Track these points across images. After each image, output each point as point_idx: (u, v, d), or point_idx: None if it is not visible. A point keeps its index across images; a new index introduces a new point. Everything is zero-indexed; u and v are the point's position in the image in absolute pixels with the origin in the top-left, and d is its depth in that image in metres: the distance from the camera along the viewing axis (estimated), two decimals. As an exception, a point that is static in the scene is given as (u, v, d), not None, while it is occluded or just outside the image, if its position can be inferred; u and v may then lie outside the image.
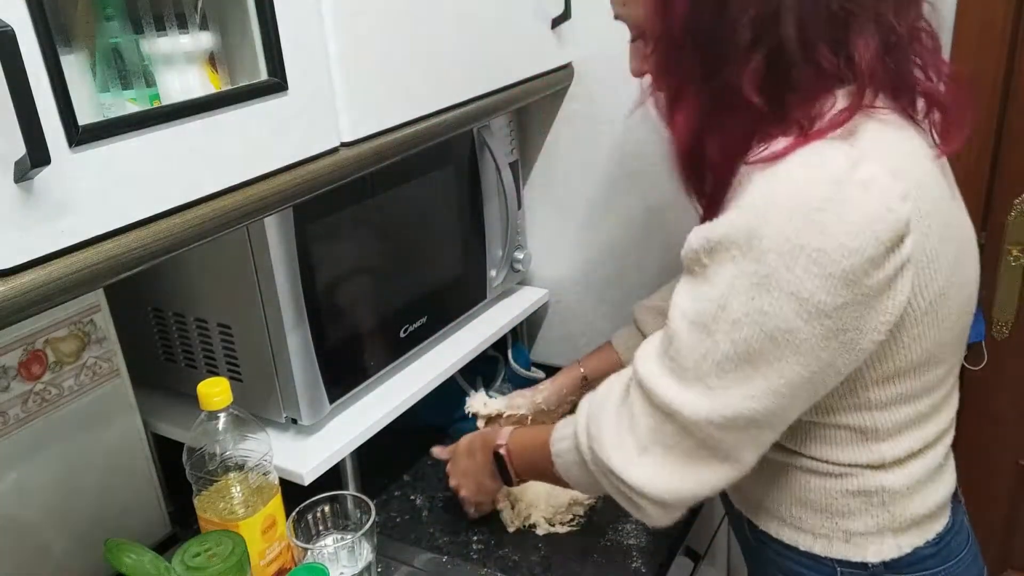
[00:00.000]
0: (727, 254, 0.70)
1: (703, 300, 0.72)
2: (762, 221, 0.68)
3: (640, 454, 0.78)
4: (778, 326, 0.69)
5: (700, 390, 0.74)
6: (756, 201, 0.69)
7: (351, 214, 1.05)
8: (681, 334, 0.74)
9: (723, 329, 0.71)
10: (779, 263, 0.67)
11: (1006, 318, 1.33)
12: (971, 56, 1.17)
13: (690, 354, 0.73)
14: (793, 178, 0.68)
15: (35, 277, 0.61)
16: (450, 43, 1.00)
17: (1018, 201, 1.26)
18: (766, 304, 0.69)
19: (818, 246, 0.66)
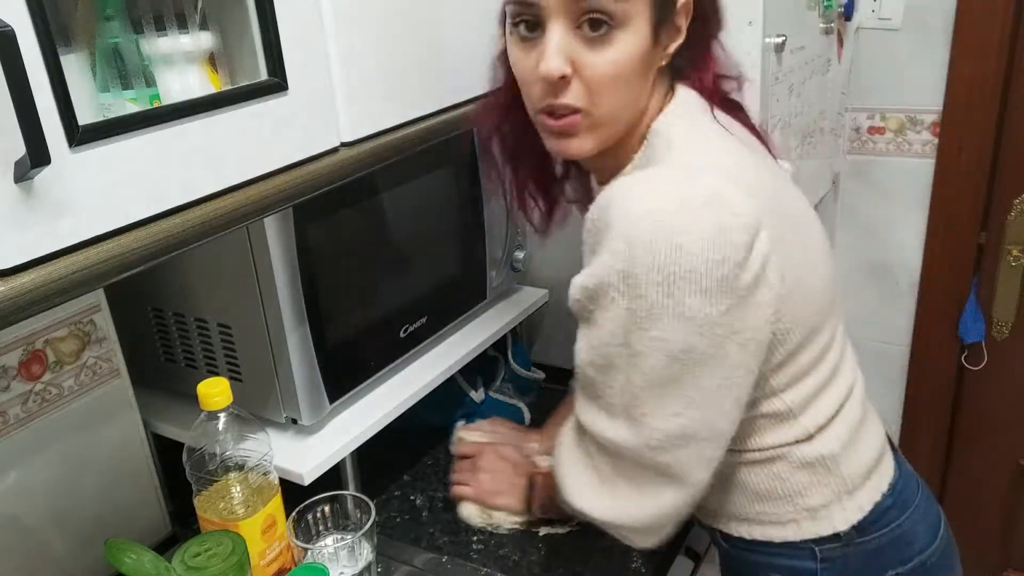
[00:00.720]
0: (607, 297, 0.75)
1: (601, 344, 0.77)
2: (631, 261, 0.72)
3: (600, 487, 0.84)
4: (678, 347, 0.74)
5: (626, 421, 0.79)
6: (618, 244, 0.73)
7: (351, 214, 1.05)
8: (595, 379, 0.79)
9: (629, 363, 0.76)
10: (658, 293, 0.72)
11: (1006, 318, 1.33)
12: (971, 56, 1.17)
13: (606, 390, 0.79)
14: (643, 214, 0.73)
15: (35, 277, 0.61)
16: (450, 43, 1.00)
17: (1018, 201, 1.26)
18: (659, 332, 0.73)
19: (688, 267, 0.71)
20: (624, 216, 0.73)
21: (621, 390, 0.78)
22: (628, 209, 0.73)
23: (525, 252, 1.38)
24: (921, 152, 1.24)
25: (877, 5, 1.19)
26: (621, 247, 0.73)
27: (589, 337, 0.79)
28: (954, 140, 1.22)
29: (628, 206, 0.73)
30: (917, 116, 1.22)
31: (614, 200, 0.75)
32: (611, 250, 0.73)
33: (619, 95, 0.79)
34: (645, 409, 0.77)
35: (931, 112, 1.22)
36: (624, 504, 0.83)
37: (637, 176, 0.77)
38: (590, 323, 0.78)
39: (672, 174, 0.76)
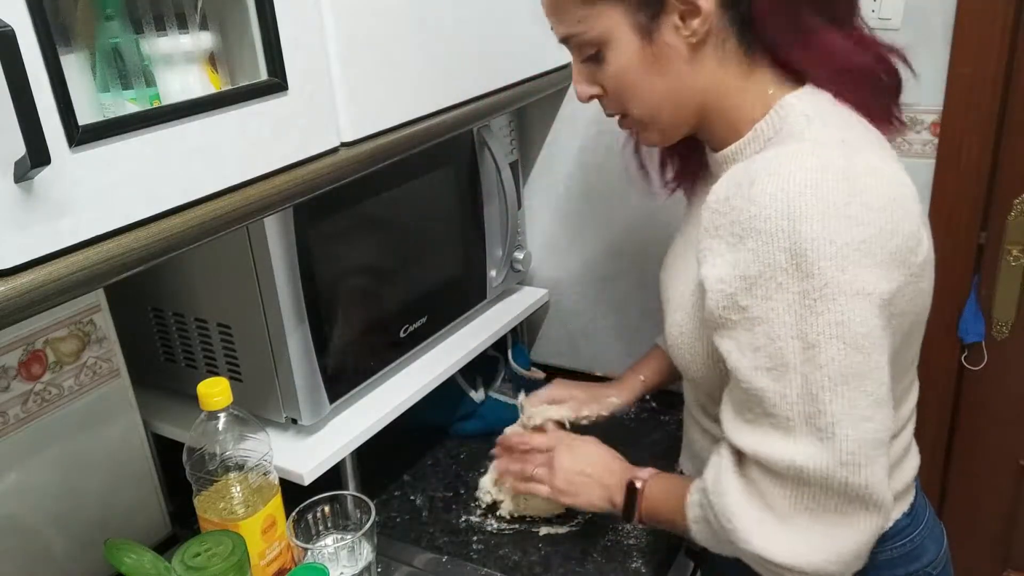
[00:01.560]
0: (772, 283, 0.68)
1: (768, 341, 0.69)
2: (796, 236, 0.66)
3: (783, 530, 0.73)
4: (857, 331, 0.67)
5: (811, 436, 0.69)
6: (776, 222, 0.67)
7: (351, 214, 1.05)
8: (766, 388, 0.70)
9: (805, 358, 0.68)
10: (832, 268, 0.66)
11: (1006, 318, 1.33)
12: (971, 56, 1.17)
13: (784, 401, 0.70)
14: (804, 185, 0.67)
15: (35, 277, 0.61)
16: (450, 43, 1.00)
17: (1018, 201, 1.26)
18: (837, 313, 0.67)
19: (861, 238, 0.66)
20: (779, 191, 0.67)
21: (799, 397, 0.68)
22: (783, 184, 0.67)
23: (525, 252, 1.38)
24: (921, 152, 1.24)
25: (877, 5, 1.18)
26: (782, 224, 0.66)
27: (752, 338, 0.70)
28: (954, 140, 1.21)
29: (782, 181, 0.67)
30: (917, 116, 1.22)
31: (759, 177, 0.69)
32: (767, 230, 0.67)
33: (643, 96, 0.80)
34: (832, 416, 0.68)
35: (931, 112, 1.22)
36: (816, 543, 0.71)
37: (783, 150, 0.71)
38: (750, 321, 0.70)
39: (824, 147, 0.70)
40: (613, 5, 0.76)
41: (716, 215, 0.72)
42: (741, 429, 0.75)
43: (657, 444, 1.29)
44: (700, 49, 0.76)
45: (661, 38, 0.76)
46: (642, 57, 0.77)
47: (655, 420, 1.36)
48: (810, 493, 0.71)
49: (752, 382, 0.71)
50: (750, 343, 0.71)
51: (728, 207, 0.71)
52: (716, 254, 0.72)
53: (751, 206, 0.68)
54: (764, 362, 0.70)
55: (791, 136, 0.74)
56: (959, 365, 1.37)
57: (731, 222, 0.70)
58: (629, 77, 0.79)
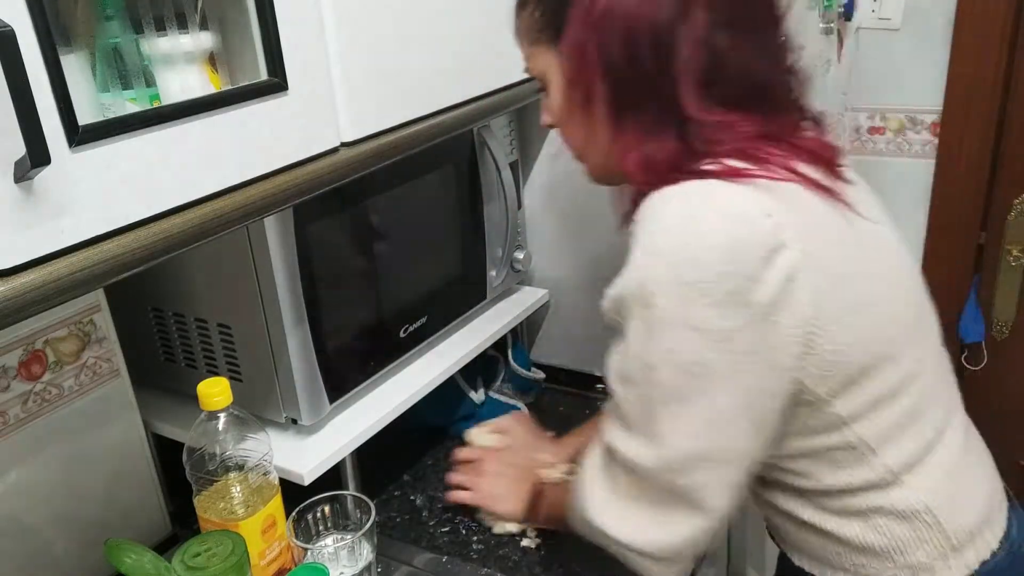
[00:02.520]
0: (630, 308, 0.75)
1: (624, 354, 0.77)
2: (647, 270, 0.73)
3: (623, 508, 0.82)
4: (689, 359, 0.73)
5: (644, 438, 0.77)
6: (638, 254, 0.74)
7: (351, 214, 1.05)
8: (617, 390, 0.79)
9: (643, 376, 0.76)
10: (668, 302, 0.72)
11: (1006, 318, 1.33)
12: (971, 56, 1.17)
13: (627, 405, 0.78)
14: (662, 220, 0.73)
15: (35, 277, 0.61)
16: (450, 43, 1.00)
17: (1018, 201, 1.26)
18: (670, 342, 0.73)
19: (697, 278, 0.71)
20: (649, 228, 0.74)
21: (639, 406, 0.77)
22: (653, 221, 0.74)
23: (525, 252, 1.38)
24: (921, 152, 1.24)
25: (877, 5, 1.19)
26: (642, 258, 0.74)
27: (618, 349, 0.79)
28: (954, 140, 1.22)
29: (654, 218, 0.74)
30: (917, 116, 1.22)
31: (645, 212, 0.75)
32: (634, 261, 0.74)
33: (569, 135, 0.88)
34: (661, 427, 0.76)
35: (931, 112, 1.22)
36: (644, 527, 0.81)
37: (659, 192, 0.76)
38: (621, 335, 0.78)
39: (691, 185, 0.74)
40: (547, 48, 0.83)
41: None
42: (608, 422, 0.83)
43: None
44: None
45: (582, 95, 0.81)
46: (567, 98, 0.83)
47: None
48: (644, 484, 0.79)
49: (611, 382, 0.80)
50: (616, 350, 0.79)
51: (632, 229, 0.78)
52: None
53: (638, 232, 0.76)
54: (618, 370, 0.79)
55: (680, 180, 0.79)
56: (959, 365, 1.38)
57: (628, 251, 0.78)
58: (559, 116, 0.86)
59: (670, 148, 0.77)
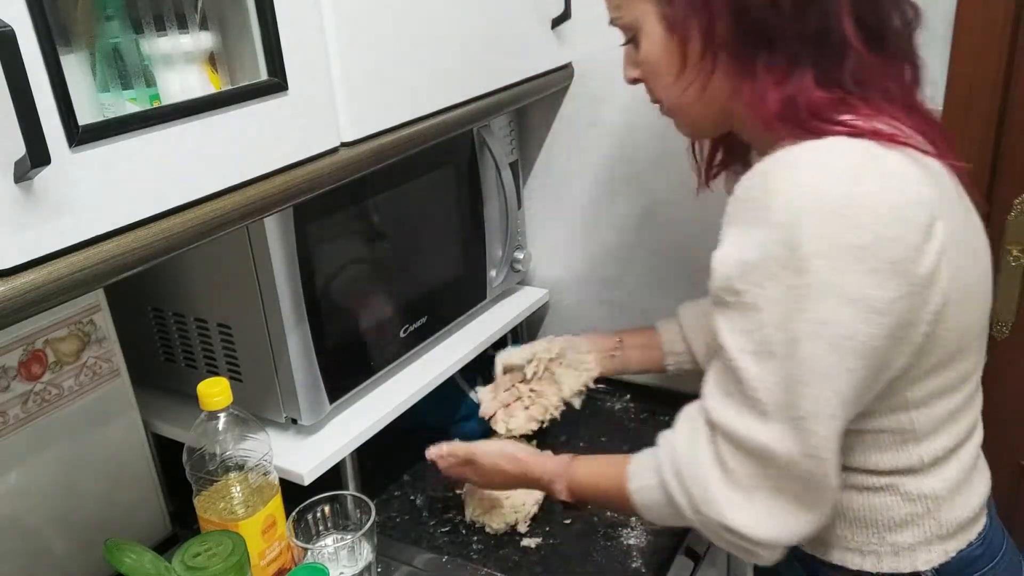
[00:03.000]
0: (767, 273, 0.69)
1: (757, 327, 0.70)
2: (796, 230, 0.66)
3: (747, 503, 0.75)
4: (839, 333, 0.68)
5: (785, 424, 0.71)
6: (782, 215, 0.67)
7: (351, 214, 1.05)
8: (748, 369, 0.72)
9: (786, 351, 0.69)
10: (824, 269, 0.66)
11: (1006, 318, 1.33)
12: (971, 56, 1.17)
13: (763, 386, 0.71)
14: (812, 182, 0.67)
15: (35, 277, 0.61)
16: (450, 43, 1.00)
17: (1018, 201, 1.26)
18: (823, 313, 0.67)
19: (858, 243, 0.66)
20: (789, 185, 0.68)
21: (777, 385, 0.70)
22: (795, 177, 0.68)
23: (525, 252, 1.38)
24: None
25: (877, 5, 1.19)
26: (786, 217, 0.67)
27: (742, 323, 0.71)
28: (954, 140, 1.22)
29: (794, 174, 0.68)
30: (917, 116, 1.22)
31: (775, 169, 0.69)
32: (771, 221, 0.68)
33: (665, 87, 0.81)
34: (805, 409, 0.70)
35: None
36: (773, 518, 0.74)
37: (804, 145, 0.70)
38: (741, 306, 0.71)
39: (842, 144, 0.70)
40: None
41: (735, 202, 0.73)
42: (721, 402, 0.76)
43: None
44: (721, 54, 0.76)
45: (686, 36, 0.77)
46: (667, 48, 0.79)
47: (655, 420, 1.36)
48: (775, 473, 0.73)
49: (737, 361, 0.72)
50: (741, 325, 0.72)
51: (744, 195, 0.72)
52: (727, 238, 0.73)
53: (763, 195, 0.69)
54: (750, 346, 0.71)
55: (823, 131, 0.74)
56: (959, 365, 1.37)
57: (744, 209, 0.72)
58: (655, 66, 0.81)
59: (813, 93, 0.72)
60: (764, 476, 0.74)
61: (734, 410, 0.74)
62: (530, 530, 1.12)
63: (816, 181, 0.67)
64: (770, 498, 0.74)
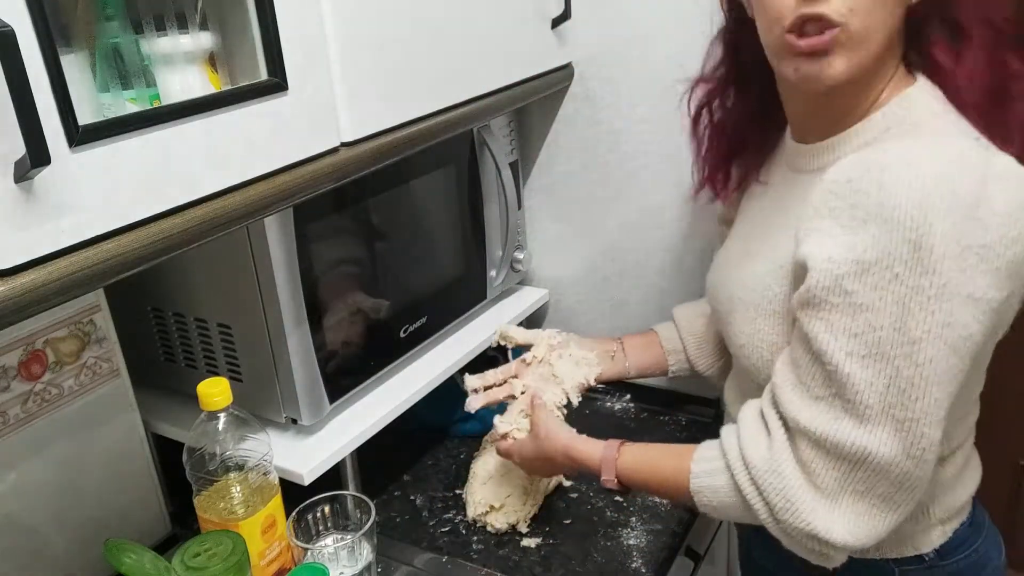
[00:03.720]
0: (888, 273, 0.67)
1: (868, 329, 0.69)
2: (925, 230, 0.65)
3: (835, 508, 0.74)
4: (960, 335, 0.67)
5: (890, 427, 0.70)
6: (906, 211, 0.66)
7: (351, 214, 1.05)
8: (853, 374, 0.70)
9: (903, 352, 0.68)
10: (953, 268, 0.65)
11: (1006, 318, 1.33)
12: (971, 56, 1.17)
13: (871, 389, 0.69)
14: (940, 179, 0.66)
15: (35, 277, 0.61)
16: (450, 43, 1.00)
17: (1018, 201, 1.26)
18: (947, 314, 0.66)
19: (983, 242, 0.66)
20: (914, 181, 0.66)
21: (887, 388, 0.68)
22: (919, 174, 0.66)
23: (525, 252, 1.38)
24: (921, 152, 1.24)
25: (877, 5, 1.18)
26: (912, 213, 0.65)
27: (850, 323, 0.69)
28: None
29: (918, 171, 0.66)
30: (917, 116, 1.22)
31: (892, 164, 0.68)
32: (895, 218, 0.66)
33: (875, 11, 0.72)
34: (914, 412, 0.68)
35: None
36: (861, 522, 0.73)
37: (920, 141, 0.70)
38: (853, 306, 0.69)
39: (960, 142, 0.69)
40: None
41: (833, 197, 0.71)
42: (808, 406, 0.74)
43: (657, 444, 1.29)
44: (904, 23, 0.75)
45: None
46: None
47: (655, 420, 1.36)
48: (864, 476, 0.72)
49: (840, 366, 0.70)
50: (847, 327, 0.70)
51: (850, 189, 0.69)
52: (826, 234, 0.71)
53: (880, 192, 0.67)
54: (859, 348, 0.69)
55: (917, 129, 0.73)
56: (959, 365, 1.37)
57: (851, 205, 0.69)
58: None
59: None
60: (853, 480, 0.73)
61: (829, 415, 0.72)
62: (530, 530, 1.12)
63: (944, 177, 0.66)
64: (857, 502, 0.73)
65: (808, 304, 0.72)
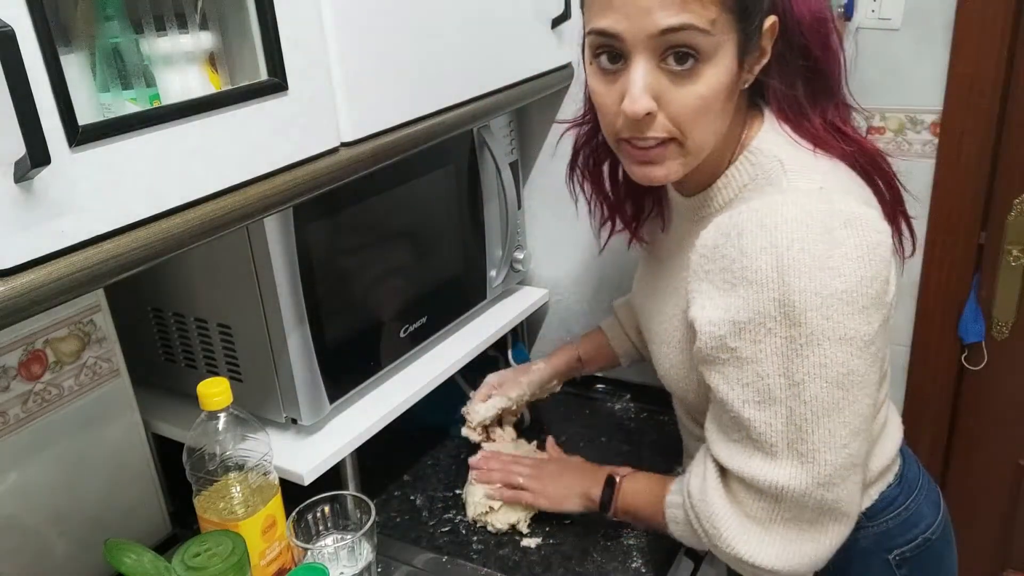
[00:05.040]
0: (762, 328, 0.73)
1: (756, 378, 0.75)
2: (785, 288, 0.71)
3: (763, 537, 0.80)
4: (839, 372, 0.73)
5: (795, 461, 0.76)
6: (766, 273, 0.72)
7: (351, 214, 1.05)
8: (753, 418, 0.76)
9: (791, 394, 0.74)
10: (817, 317, 0.71)
11: (1006, 318, 1.33)
12: (971, 56, 1.17)
13: (769, 429, 0.76)
14: (791, 239, 0.72)
15: (35, 277, 0.61)
16: (450, 43, 1.00)
17: (1018, 201, 1.26)
18: (821, 357, 0.72)
19: (843, 288, 0.71)
20: (767, 244, 0.72)
21: (784, 426, 0.75)
22: (771, 237, 0.72)
23: (525, 252, 1.38)
24: (921, 152, 1.24)
25: (877, 5, 1.19)
26: (771, 275, 0.72)
27: (740, 375, 0.76)
28: (954, 140, 1.21)
29: (769, 235, 0.72)
30: (917, 116, 1.22)
31: (746, 229, 0.73)
32: (757, 280, 0.72)
33: (707, 126, 0.76)
34: (812, 443, 0.75)
35: (931, 112, 1.22)
36: (791, 549, 0.79)
37: (767, 201, 0.75)
38: (739, 360, 0.76)
39: (804, 199, 0.74)
40: (735, 25, 0.72)
41: (705, 260, 0.77)
42: (727, 448, 0.81)
43: (657, 444, 1.29)
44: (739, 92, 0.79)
45: (744, 68, 0.77)
46: (729, 85, 0.75)
47: (655, 420, 1.36)
48: (787, 507, 0.78)
49: (740, 412, 0.77)
50: (738, 379, 0.76)
51: (718, 255, 0.76)
52: (706, 296, 0.77)
53: (742, 257, 0.73)
54: (752, 396, 0.76)
55: (769, 184, 0.78)
56: (959, 365, 1.37)
57: (721, 269, 0.75)
58: (711, 102, 0.74)
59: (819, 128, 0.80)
60: (778, 510, 0.79)
61: (744, 455, 0.79)
62: (530, 530, 1.12)
63: (795, 237, 0.71)
64: (788, 530, 0.79)
65: (704, 361, 0.79)
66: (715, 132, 0.78)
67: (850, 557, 0.90)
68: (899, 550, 0.93)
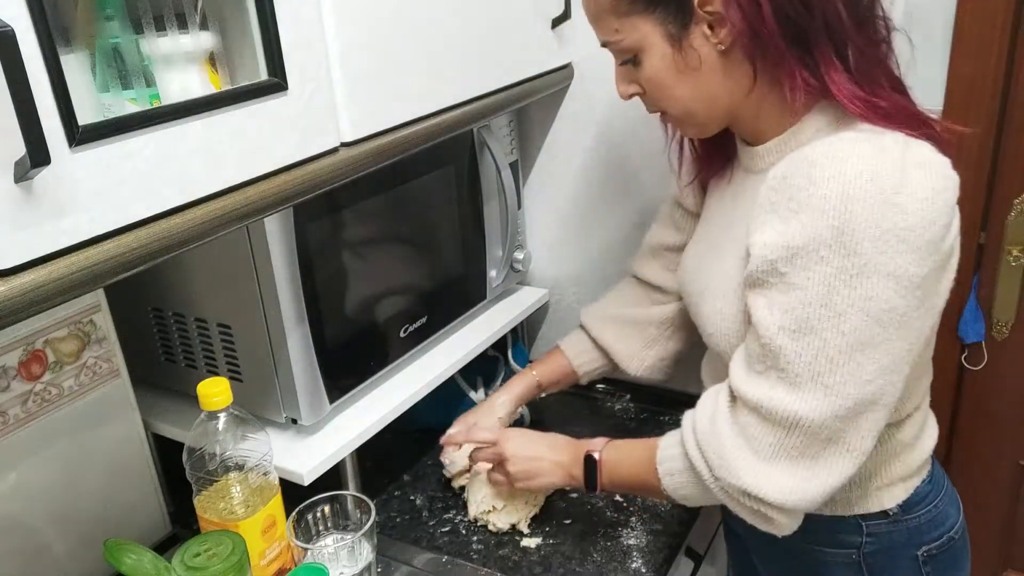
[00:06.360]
0: (814, 255, 0.75)
1: (798, 305, 0.77)
2: (847, 217, 0.73)
3: (770, 470, 0.81)
4: (881, 307, 0.75)
5: (818, 392, 0.77)
6: (830, 201, 0.73)
7: (351, 214, 1.05)
8: (786, 346, 0.78)
9: (830, 325, 0.76)
10: (873, 250, 0.73)
11: (1006, 318, 1.33)
12: (971, 56, 1.17)
13: (800, 359, 0.77)
14: (860, 171, 0.73)
15: (35, 277, 0.61)
16: (450, 43, 1.00)
17: (1018, 201, 1.26)
18: (867, 290, 0.74)
19: (904, 225, 0.73)
20: (836, 174, 0.74)
21: (815, 357, 0.77)
22: (841, 167, 0.74)
23: (525, 252, 1.38)
24: (921, 152, 1.24)
25: (877, 5, 1.19)
26: (835, 203, 0.73)
27: (784, 299, 0.77)
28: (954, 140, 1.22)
29: (840, 164, 0.74)
30: (917, 116, 1.22)
31: (819, 160, 0.75)
32: (820, 208, 0.74)
33: (677, 96, 0.86)
34: (840, 375, 0.76)
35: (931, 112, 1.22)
36: (794, 483, 0.80)
37: (843, 136, 0.78)
38: (786, 285, 0.77)
39: (879, 138, 0.77)
40: (644, 18, 0.83)
41: (773, 192, 0.79)
42: (751, 380, 0.82)
43: (657, 444, 1.29)
44: (730, 55, 0.82)
45: (690, 46, 0.82)
46: (673, 63, 0.84)
47: (655, 420, 1.37)
48: (797, 440, 0.79)
49: (772, 339, 0.78)
50: (780, 304, 0.78)
51: (786, 185, 0.77)
52: (767, 225, 0.79)
53: (810, 185, 0.75)
54: (789, 323, 0.77)
55: (846, 126, 0.81)
56: (959, 365, 1.37)
57: (788, 198, 0.77)
58: (663, 80, 0.85)
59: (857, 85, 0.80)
60: (787, 444, 0.80)
61: (766, 384, 0.80)
62: (530, 530, 1.12)
63: (864, 169, 0.73)
64: (792, 465, 0.80)
65: (752, 284, 0.81)
66: (695, 98, 0.85)
67: (884, 548, 0.93)
68: (927, 547, 0.94)
